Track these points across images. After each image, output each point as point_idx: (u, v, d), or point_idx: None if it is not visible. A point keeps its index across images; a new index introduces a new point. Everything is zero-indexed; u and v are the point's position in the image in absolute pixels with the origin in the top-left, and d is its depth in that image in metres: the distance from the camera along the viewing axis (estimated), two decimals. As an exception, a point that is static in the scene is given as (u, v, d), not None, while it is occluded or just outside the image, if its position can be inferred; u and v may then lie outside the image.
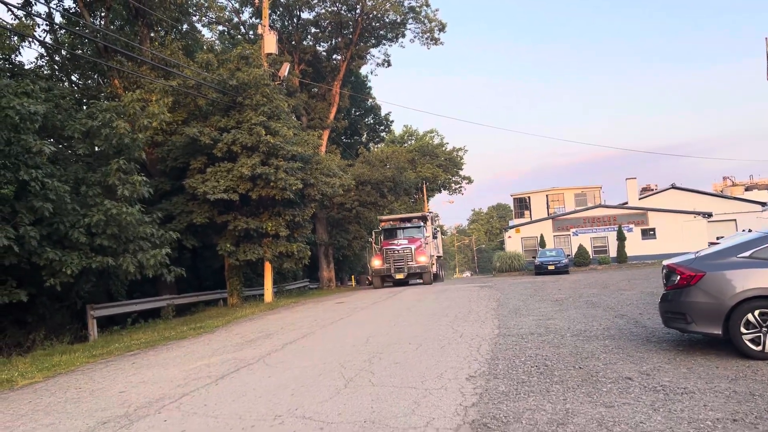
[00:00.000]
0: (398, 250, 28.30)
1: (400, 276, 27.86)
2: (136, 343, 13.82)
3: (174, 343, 13.23)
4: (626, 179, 48.02)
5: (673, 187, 51.74)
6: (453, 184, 71.01)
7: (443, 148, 68.84)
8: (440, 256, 37.56)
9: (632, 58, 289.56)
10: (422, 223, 31.00)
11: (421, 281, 28.91)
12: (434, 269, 31.03)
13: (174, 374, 9.05)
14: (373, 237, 31.96)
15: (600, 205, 45.26)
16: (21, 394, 8.82)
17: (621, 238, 40.23)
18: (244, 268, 24.10)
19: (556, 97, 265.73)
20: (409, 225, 30.87)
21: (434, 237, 32.12)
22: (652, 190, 55.32)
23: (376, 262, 28.77)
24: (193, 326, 16.33)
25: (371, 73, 68.53)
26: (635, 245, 40.76)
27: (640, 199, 48.89)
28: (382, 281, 28.80)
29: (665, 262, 8.31)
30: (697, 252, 8.21)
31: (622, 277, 24.58)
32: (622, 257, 39.76)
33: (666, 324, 8.07)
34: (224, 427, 5.89)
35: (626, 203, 47.49)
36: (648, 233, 41.72)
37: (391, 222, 31.81)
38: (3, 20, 18.50)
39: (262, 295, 24.03)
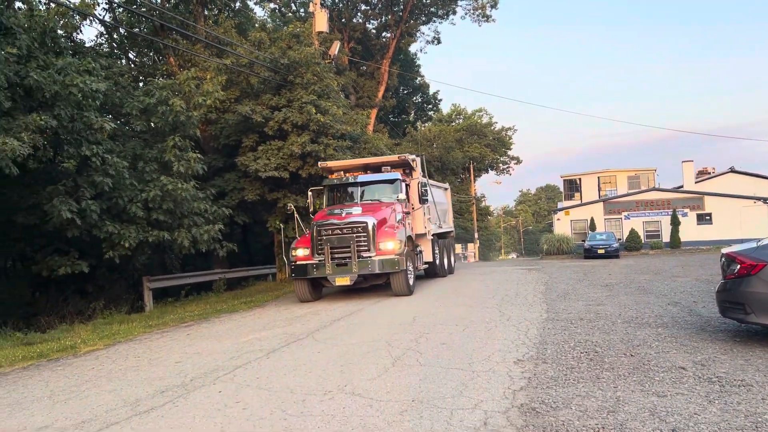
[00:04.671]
0: (340, 227, 14.17)
1: (342, 280, 14.16)
2: (190, 314, 14.31)
3: (226, 316, 13.63)
4: (682, 162, 46.53)
5: (732, 170, 49.90)
6: (501, 164, 70.41)
7: (492, 128, 68.14)
8: (447, 233, 21.59)
9: (688, 38, 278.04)
10: (399, 177, 16.32)
11: (391, 286, 14.60)
12: (426, 258, 17.45)
13: (227, 346, 9.35)
14: (309, 199, 17.25)
15: (654, 189, 44.03)
16: (84, 360, 9.27)
17: (675, 223, 39.13)
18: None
19: (610, 77, 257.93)
20: (374, 179, 16.47)
21: (423, 200, 16.69)
22: (709, 173, 53.44)
23: (299, 251, 14.64)
24: (243, 300, 16.79)
25: (420, 50, 68.36)
26: (690, 230, 39.60)
27: (696, 182, 47.36)
28: (309, 288, 14.79)
29: (724, 251, 8.06)
30: (759, 240, 7.93)
31: (675, 263, 23.97)
32: (675, 242, 38.70)
33: (723, 314, 7.86)
34: (276, 399, 6.07)
35: (681, 187, 46.09)
36: (704, 218, 40.43)
37: (343, 173, 17.45)
38: (66, -1, 19.06)
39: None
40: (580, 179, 51.23)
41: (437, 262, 18.82)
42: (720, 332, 8.33)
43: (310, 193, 17.41)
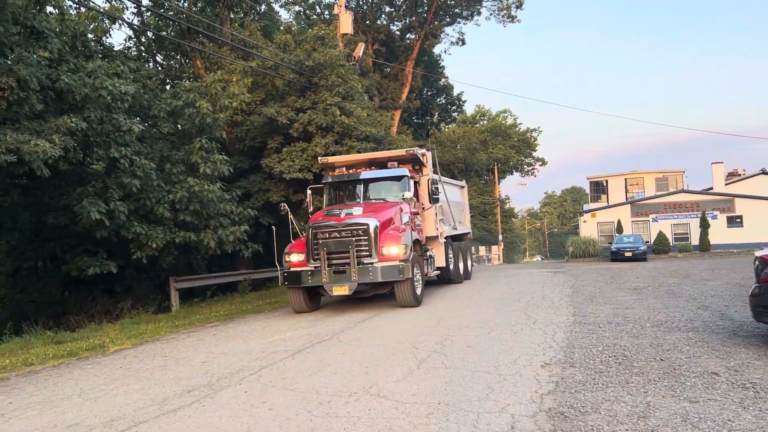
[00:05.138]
0: (338, 230, 12.63)
1: (340, 290, 12.54)
2: (216, 315, 14.44)
3: (251, 317, 13.73)
4: (712, 163, 45.73)
5: (764, 172, 48.94)
6: (526, 166, 69.87)
7: (516, 129, 67.70)
8: (463, 234, 20.13)
9: (716, 35, 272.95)
10: (406, 173, 14.71)
11: (395, 296, 12.98)
12: (438, 263, 15.81)
13: (252, 347, 9.40)
14: (308, 198, 15.87)
15: (682, 191, 43.33)
16: (112, 360, 9.40)
17: (704, 226, 38.45)
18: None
19: (635, 76, 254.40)
20: (378, 176, 14.84)
21: (434, 198, 14.99)
22: (740, 175, 52.49)
23: (293, 257, 13.15)
24: (268, 300, 16.90)
25: (445, 52, 67.97)
26: (720, 233, 38.86)
27: (726, 184, 46.52)
28: (305, 298, 13.28)
29: (758, 254, 7.87)
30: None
31: (705, 266, 23.52)
32: (704, 245, 38.00)
33: (757, 318, 7.67)
34: (302, 400, 6.08)
35: (711, 189, 45.30)
36: (734, 221, 39.65)
37: (345, 169, 15.85)
38: (96, 4, 19.42)
39: (334, 272, 24.40)
40: (606, 181, 50.61)
41: (451, 267, 17.23)
42: (753, 337, 8.13)
43: (308, 192, 15.83)
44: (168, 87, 23.55)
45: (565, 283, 17.44)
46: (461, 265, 18.85)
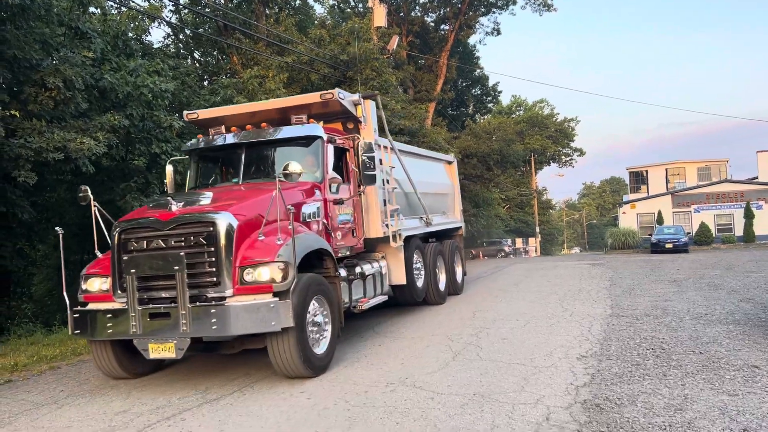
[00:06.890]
0: (162, 234, 6.63)
1: (160, 350, 6.47)
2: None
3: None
4: (757, 152, 44.31)
5: (813, 160, 47.18)
6: (563, 157, 68.67)
7: (553, 119, 66.57)
8: (448, 231, 14.11)
9: (756, 22, 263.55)
10: (318, 133, 8.46)
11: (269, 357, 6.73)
12: (394, 278, 10.23)
13: (290, 338, 9.58)
14: (168, 178, 10.14)
15: (726, 180, 42.20)
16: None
17: (749, 216, 37.42)
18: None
19: (677, 61, 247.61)
20: (271, 138, 8.65)
21: (368, 177, 8.75)
22: (788, 163, 50.72)
23: (94, 282, 7.33)
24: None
25: (480, 42, 67.13)
26: (765, 224, 37.76)
27: (772, 173, 45.05)
28: (116, 353, 7.13)
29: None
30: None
31: (749, 257, 22.91)
32: (749, 236, 37.00)
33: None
34: (340, 390, 6.23)
35: (756, 178, 43.96)
36: (781, 211, 38.49)
37: (225, 128, 9.21)
38: (136, 3, 19.89)
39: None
40: (646, 171, 49.55)
41: (419, 282, 11.35)
42: (797, 331, 7.96)
43: (169, 169, 10.16)
44: (206, 83, 23.95)
45: (602, 275, 17.25)
46: (442, 277, 12.72)
